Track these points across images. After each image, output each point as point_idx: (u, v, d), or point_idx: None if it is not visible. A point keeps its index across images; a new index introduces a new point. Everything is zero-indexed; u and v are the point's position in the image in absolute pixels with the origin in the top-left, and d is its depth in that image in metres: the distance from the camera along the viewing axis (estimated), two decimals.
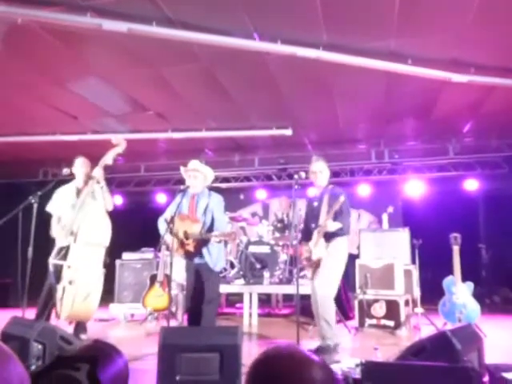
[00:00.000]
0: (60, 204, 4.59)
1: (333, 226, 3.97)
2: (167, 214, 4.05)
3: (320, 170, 4.27)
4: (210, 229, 3.97)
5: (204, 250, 3.93)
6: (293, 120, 6.24)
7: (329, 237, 4.06)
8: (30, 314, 3.82)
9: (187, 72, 4.79)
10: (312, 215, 4.27)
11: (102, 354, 1.58)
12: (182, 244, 3.90)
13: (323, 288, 3.98)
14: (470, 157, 7.44)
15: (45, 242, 4.46)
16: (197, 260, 3.97)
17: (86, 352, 1.60)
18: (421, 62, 4.34)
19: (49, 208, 4.61)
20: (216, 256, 3.97)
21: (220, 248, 4.06)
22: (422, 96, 5.38)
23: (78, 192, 4.63)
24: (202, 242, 3.90)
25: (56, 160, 7.89)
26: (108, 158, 4.59)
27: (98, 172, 4.52)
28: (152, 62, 4.58)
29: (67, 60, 4.48)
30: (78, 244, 4.22)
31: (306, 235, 4.30)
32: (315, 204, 4.27)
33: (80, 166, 4.70)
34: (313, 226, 4.19)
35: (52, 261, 4.34)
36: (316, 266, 4.09)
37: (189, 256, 3.99)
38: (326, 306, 3.96)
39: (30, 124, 6.35)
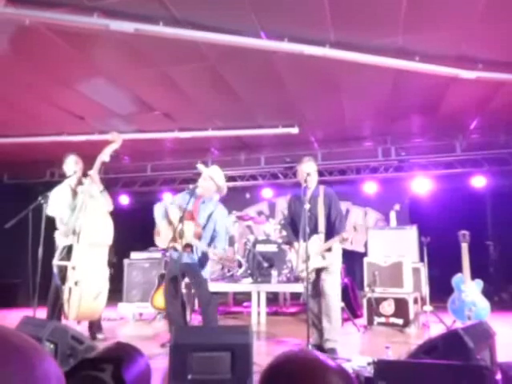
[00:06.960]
0: (58, 205, 4.49)
1: (349, 235, 3.84)
2: (171, 201, 4.22)
3: (314, 171, 4.07)
4: (211, 238, 4.07)
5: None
6: (299, 118, 6.23)
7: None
8: (41, 313, 3.84)
9: (194, 71, 4.79)
10: (302, 216, 3.85)
11: (125, 354, 1.60)
12: (174, 238, 3.95)
13: (334, 292, 3.96)
14: (478, 153, 7.38)
15: (54, 243, 4.49)
16: (185, 259, 3.91)
17: (109, 353, 1.61)
18: (428, 58, 4.32)
19: (49, 212, 4.44)
20: (203, 260, 4.03)
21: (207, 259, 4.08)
22: (429, 93, 5.34)
23: (73, 191, 4.54)
24: (191, 248, 3.98)
25: (63, 160, 7.92)
26: (105, 155, 4.45)
27: (95, 173, 4.40)
28: (159, 62, 4.58)
29: (74, 61, 4.49)
30: (81, 245, 4.13)
31: (295, 234, 4.07)
32: (307, 206, 3.87)
33: (74, 163, 4.57)
34: (308, 229, 3.79)
35: (56, 262, 4.30)
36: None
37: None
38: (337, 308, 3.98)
39: (37, 125, 6.38)
